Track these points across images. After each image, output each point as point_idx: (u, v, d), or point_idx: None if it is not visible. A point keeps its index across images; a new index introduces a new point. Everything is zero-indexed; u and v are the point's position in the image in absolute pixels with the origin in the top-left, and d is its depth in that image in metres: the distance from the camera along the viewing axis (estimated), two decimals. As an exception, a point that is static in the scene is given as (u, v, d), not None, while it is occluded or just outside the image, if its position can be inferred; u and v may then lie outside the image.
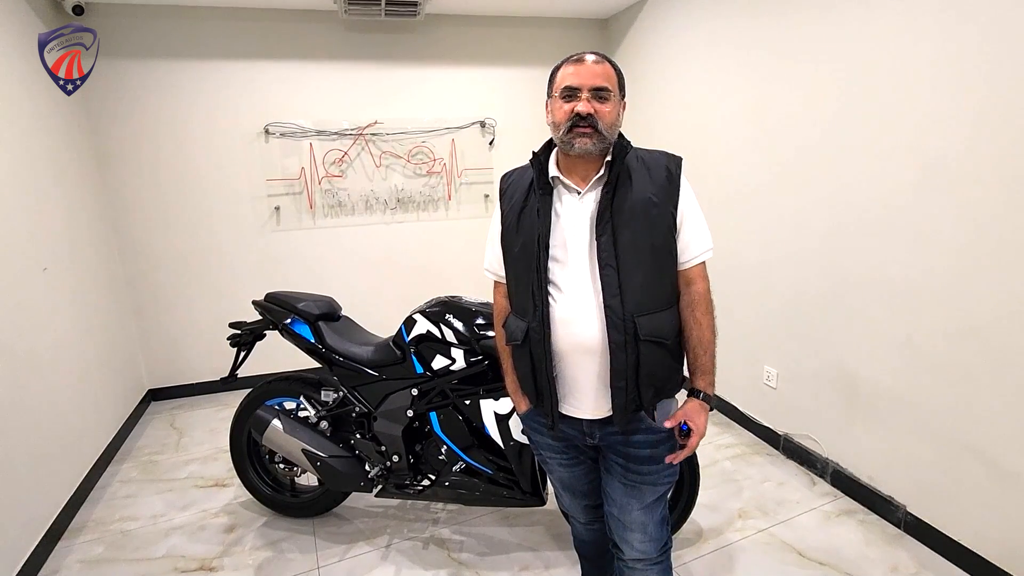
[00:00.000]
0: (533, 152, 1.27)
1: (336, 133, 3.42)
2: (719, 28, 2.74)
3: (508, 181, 1.35)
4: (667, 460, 1.24)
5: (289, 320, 2.08)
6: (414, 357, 1.92)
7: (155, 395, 3.47)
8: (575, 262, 1.19)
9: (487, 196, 3.72)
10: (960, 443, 1.82)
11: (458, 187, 3.68)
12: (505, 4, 3.35)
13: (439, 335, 1.88)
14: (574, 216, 1.20)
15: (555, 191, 1.24)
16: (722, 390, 2.99)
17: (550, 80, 1.23)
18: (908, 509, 2.02)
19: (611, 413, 1.22)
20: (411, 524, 2.19)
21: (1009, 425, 1.68)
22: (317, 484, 2.22)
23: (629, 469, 1.27)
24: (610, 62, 1.19)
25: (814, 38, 2.20)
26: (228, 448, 2.24)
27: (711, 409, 1.26)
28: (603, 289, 1.15)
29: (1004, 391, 1.68)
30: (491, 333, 1.84)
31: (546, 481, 1.94)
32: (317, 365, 2.12)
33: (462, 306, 1.91)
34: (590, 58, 1.16)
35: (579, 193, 1.21)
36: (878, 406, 2.10)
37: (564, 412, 1.27)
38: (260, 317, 2.17)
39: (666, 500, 1.35)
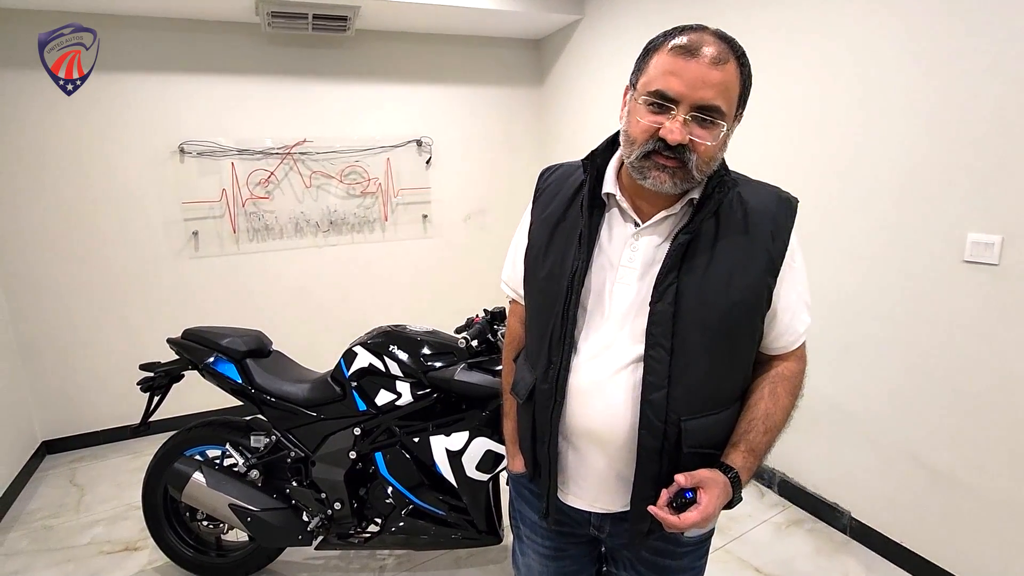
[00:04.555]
0: (592, 152, 0.91)
1: (261, 152, 3.20)
2: (651, 51, 2.81)
3: (548, 179, 1.01)
4: (648, 509, 0.84)
5: (212, 359, 1.87)
6: (355, 393, 1.77)
7: (50, 447, 3.04)
8: (610, 321, 0.87)
9: (425, 216, 3.60)
10: (897, 448, 1.90)
11: (395, 207, 3.53)
12: (437, 22, 3.29)
13: (383, 368, 1.75)
14: (622, 255, 0.87)
15: (607, 212, 0.91)
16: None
17: (640, 60, 0.83)
18: (853, 515, 2.08)
19: (627, 508, 0.91)
20: (356, 574, 2.01)
21: (941, 428, 1.77)
22: (248, 540, 1.99)
23: (640, 572, 1.02)
24: (737, 61, 0.78)
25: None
26: (140, 505, 1.97)
27: (730, 506, 0.86)
28: (644, 376, 0.83)
29: (936, 396, 1.77)
30: (439, 364, 1.74)
31: (502, 516, 1.85)
32: (240, 404, 1.92)
33: (407, 336, 1.79)
34: (708, 53, 0.75)
35: (636, 226, 0.88)
36: (818, 415, 2.16)
37: (562, 500, 0.99)
38: (177, 356, 1.94)
39: None
